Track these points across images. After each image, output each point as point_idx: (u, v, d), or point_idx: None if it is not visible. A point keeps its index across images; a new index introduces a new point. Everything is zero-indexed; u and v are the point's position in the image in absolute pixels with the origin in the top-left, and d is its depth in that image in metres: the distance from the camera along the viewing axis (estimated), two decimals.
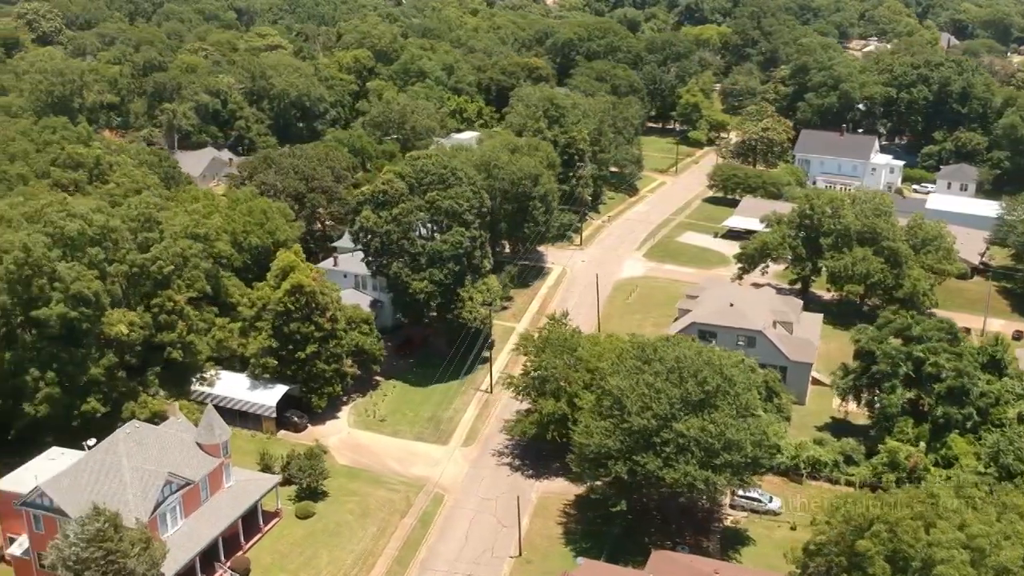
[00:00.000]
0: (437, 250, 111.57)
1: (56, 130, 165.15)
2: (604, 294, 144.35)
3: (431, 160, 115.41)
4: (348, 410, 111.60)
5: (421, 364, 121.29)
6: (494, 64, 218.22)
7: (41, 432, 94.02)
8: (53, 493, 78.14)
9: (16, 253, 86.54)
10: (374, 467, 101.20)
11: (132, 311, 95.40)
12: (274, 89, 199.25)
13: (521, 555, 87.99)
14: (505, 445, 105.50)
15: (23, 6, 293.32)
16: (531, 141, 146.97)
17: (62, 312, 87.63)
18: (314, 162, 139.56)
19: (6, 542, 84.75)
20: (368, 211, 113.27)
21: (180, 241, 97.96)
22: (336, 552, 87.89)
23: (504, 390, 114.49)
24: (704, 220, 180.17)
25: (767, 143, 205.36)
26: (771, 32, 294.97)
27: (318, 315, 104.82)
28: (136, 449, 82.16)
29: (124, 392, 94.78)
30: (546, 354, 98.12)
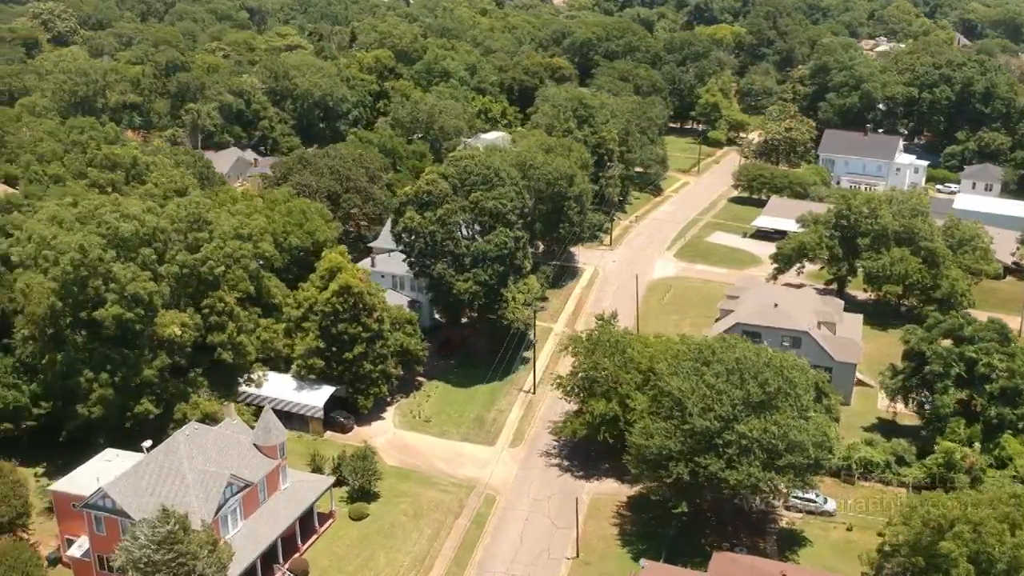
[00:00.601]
0: (482, 250, 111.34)
1: (84, 130, 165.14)
2: (639, 294, 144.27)
3: (474, 160, 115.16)
4: (393, 411, 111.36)
5: (461, 365, 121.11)
6: (515, 64, 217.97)
7: (94, 433, 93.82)
8: (116, 495, 77.86)
9: (72, 254, 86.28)
10: (423, 468, 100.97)
11: (182, 312, 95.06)
12: (297, 89, 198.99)
13: (578, 556, 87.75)
14: (552, 446, 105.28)
15: (38, 6, 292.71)
16: (564, 141, 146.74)
17: (118, 313, 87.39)
18: (349, 163, 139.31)
19: (64, 544, 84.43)
20: (412, 211, 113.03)
21: (230, 242, 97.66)
22: (393, 554, 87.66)
23: (547, 390, 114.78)
24: (731, 220, 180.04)
25: (790, 143, 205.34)
26: (787, 32, 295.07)
27: (365, 316, 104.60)
28: (196, 451, 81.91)
29: (175, 393, 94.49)
30: (596, 355, 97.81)
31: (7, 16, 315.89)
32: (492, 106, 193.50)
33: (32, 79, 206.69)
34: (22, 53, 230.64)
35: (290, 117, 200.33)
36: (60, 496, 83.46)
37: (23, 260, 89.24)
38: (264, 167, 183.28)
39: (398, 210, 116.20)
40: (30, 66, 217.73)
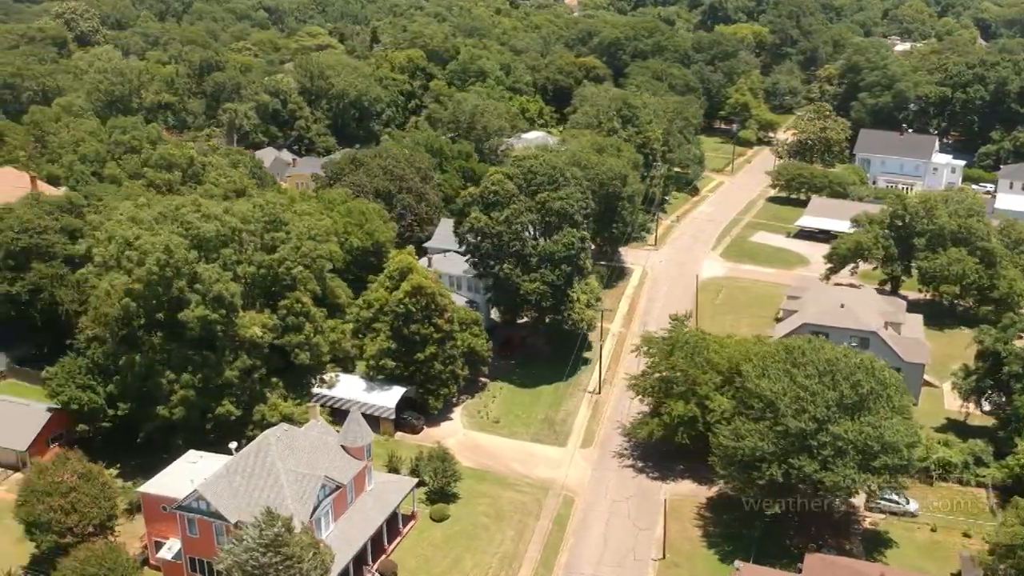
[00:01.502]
0: (549, 251, 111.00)
1: (127, 130, 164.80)
2: (690, 295, 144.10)
3: (538, 161, 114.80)
4: (460, 412, 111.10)
5: (522, 365, 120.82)
6: (549, 64, 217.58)
7: (171, 435, 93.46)
8: (211, 497, 77.54)
9: (158, 254, 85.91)
10: (497, 469, 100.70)
11: (259, 313, 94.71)
12: (333, 89, 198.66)
13: (665, 558, 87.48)
14: (624, 446, 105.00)
15: (61, 5, 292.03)
16: (613, 141, 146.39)
17: (203, 314, 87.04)
18: (402, 163, 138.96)
19: (152, 546, 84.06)
20: (477, 212, 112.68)
21: (306, 242, 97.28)
22: (479, 555, 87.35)
23: (612, 391, 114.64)
24: (772, 220, 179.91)
25: (825, 143, 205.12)
26: (811, 31, 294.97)
27: (437, 316, 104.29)
28: (288, 452, 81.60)
29: (253, 395, 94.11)
30: (675, 356, 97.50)
31: (27, 16, 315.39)
32: (529, 106, 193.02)
33: (65, 79, 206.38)
34: (54, 53, 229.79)
35: (325, 117, 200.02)
36: (149, 498, 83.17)
37: (106, 261, 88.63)
38: (304, 167, 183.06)
39: (462, 211, 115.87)
40: (62, 65, 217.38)
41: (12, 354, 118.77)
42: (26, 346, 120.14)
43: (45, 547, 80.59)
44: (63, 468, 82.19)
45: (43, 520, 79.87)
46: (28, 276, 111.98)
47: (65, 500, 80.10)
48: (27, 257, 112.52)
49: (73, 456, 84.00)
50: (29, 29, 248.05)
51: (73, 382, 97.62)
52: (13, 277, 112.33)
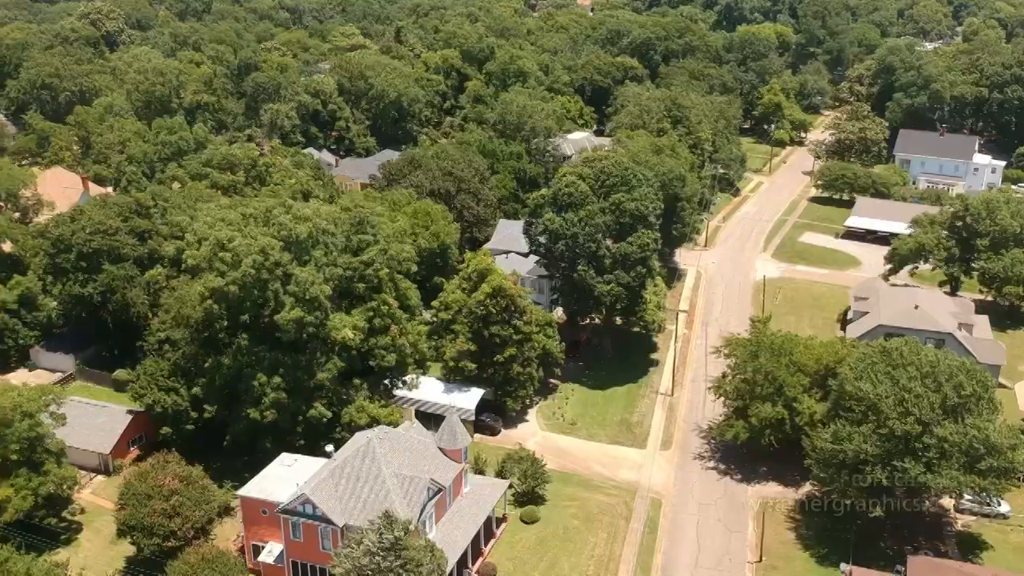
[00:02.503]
0: (624, 252, 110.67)
1: (173, 131, 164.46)
2: (747, 295, 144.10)
3: (610, 161, 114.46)
4: (534, 413, 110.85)
5: (590, 366, 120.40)
6: (585, 64, 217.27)
7: (259, 437, 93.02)
8: (318, 500, 77.33)
9: (255, 256, 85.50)
10: (580, 471, 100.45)
11: (347, 315, 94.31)
12: (372, 90, 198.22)
13: (761, 560, 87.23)
14: (704, 449, 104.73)
15: (87, 5, 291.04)
16: (669, 142, 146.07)
17: (299, 316, 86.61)
18: (461, 164, 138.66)
19: (250, 549, 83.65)
20: (551, 213, 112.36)
21: (392, 244, 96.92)
22: (575, 558, 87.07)
23: (685, 392, 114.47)
24: (818, 220, 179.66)
25: (864, 143, 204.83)
26: (837, 31, 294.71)
27: (516, 318, 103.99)
28: (391, 455, 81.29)
29: (341, 397, 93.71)
30: (761, 358, 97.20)
31: (50, 15, 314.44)
32: (569, 106, 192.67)
33: (102, 79, 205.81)
34: (91, 53, 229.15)
35: (364, 117, 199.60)
36: (248, 501, 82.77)
37: (199, 263, 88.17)
38: (346, 169, 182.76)
39: (534, 211, 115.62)
40: (97, 65, 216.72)
41: (81, 356, 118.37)
42: (93, 348, 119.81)
43: (148, 551, 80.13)
44: (163, 471, 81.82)
45: (146, 524, 79.46)
46: (100, 278, 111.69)
47: (168, 504, 79.75)
48: (99, 259, 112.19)
49: (172, 459, 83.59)
50: (63, 29, 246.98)
51: (156, 384, 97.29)
52: (85, 279, 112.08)
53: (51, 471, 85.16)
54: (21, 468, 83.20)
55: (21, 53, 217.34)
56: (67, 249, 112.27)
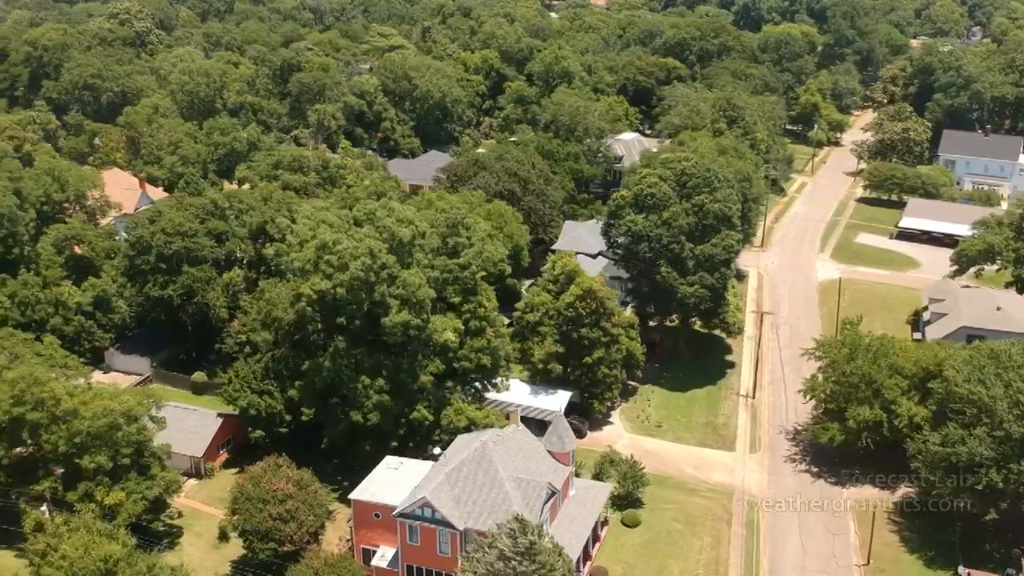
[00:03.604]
0: (708, 254, 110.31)
1: (226, 131, 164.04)
2: (812, 297, 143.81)
3: (691, 162, 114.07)
4: (618, 416, 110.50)
5: (668, 368, 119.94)
6: (627, 64, 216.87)
7: (357, 440, 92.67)
8: (438, 504, 76.95)
9: (364, 258, 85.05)
10: (673, 474, 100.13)
11: (445, 317, 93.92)
12: (417, 90, 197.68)
13: (869, 563, 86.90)
14: (794, 451, 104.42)
15: (115, 5, 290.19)
16: (732, 143, 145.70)
17: (406, 319, 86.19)
18: (527, 165, 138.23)
19: (359, 553, 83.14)
20: (633, 214, 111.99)
21: (488, 246, 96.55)
22: (683, 562, 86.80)
23: (766, 394, 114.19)
24: (869, 221, 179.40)
25: (907, 143, 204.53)
26: (867, 32, 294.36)
27: (604, 320, 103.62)
28: (505, 458, 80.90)
29: (440, 400, 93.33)
30: (859, 360, 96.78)
31: (73, 15, 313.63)
32: (617, 107, 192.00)
33: (143, 79, 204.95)
34: (131, 54, 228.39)
35: (409, 119, 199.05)
36: (361, 505, 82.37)
37: (304, 266, 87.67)
38: (394, 170, 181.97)
39: (614, 213, 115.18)
40: (137, 65, 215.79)
41: (156, 359, 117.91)
42: (168, 350, 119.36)
43: (263, 556, 79.68)
44: (276, 476, 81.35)
45: (262, 529, 79.00)
46: (180, 280, 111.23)
47: (283, 508, 79.27)
48: (178, 261, 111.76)
49: (284, 463, 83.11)
50: (100, 30, 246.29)
51: (249, 387, 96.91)
52: (165, 281, 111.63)
53: (157, 475, 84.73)
54: (130, 472, 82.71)
55: (62, 54, 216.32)
56: (146, 251, 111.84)
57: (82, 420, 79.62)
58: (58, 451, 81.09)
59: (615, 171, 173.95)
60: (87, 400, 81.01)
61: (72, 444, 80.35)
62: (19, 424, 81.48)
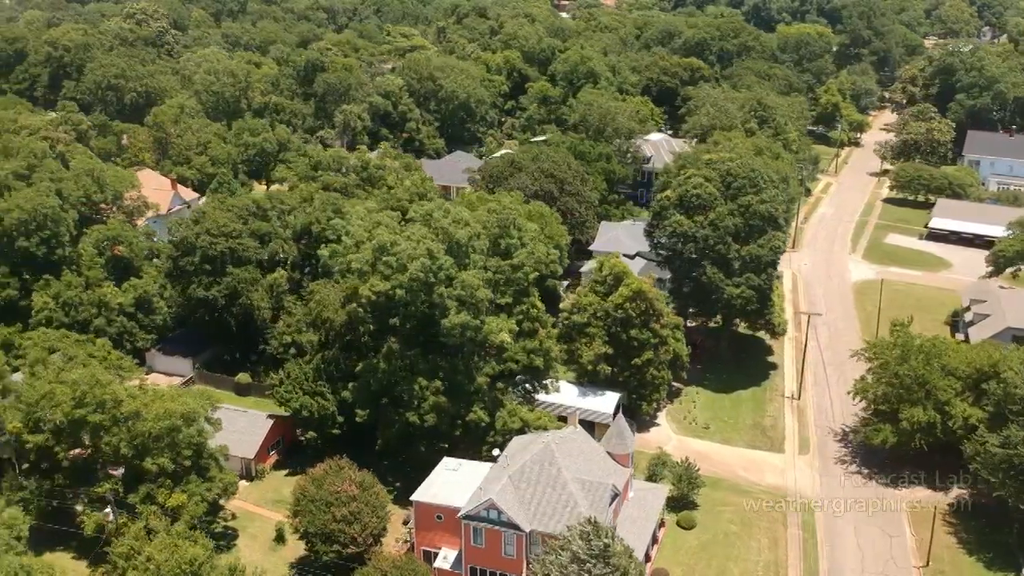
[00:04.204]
0: (755, 255, 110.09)
1: (256, 132, 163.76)
2: (848, 297, 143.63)
3: (736, 163, 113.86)
4: (664, 417, 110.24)
5: (711, 370, 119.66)
6: (651, 64, 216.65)
7: (411, 442, 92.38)
8: (504, 506, 76.72)
9: (423, 259, 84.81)
10: (725, 475, 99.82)
11: (498, 318, 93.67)
12: (442, 91, 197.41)
13: (928, 565, 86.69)
14: (843, 453, 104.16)
15: (131, 6, 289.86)
16: (768, 144, 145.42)
17: (464, 321, 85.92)
18: (563, 166, 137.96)
19: (420, 555, 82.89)
20: (678, 215, 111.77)
21: (539, 247, 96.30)
22: (742, 564, 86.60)
23: (811, 395, 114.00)
24: (897, 221, 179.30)
25: (931, 143, 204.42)
26: (884, 32, 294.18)
27: (654, 321, 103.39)
28: (568, 459, 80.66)
29: (495, 401, 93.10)
30: (912, 361, 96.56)
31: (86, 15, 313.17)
32: (642, 107, 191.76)
33: (166, 79, 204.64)
34: (154, 54, 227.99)
35: (433, 119, 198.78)
36: (423, 507, 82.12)
37: (362, 267, 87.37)
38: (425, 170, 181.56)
39: (658, 213, 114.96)
40: (160, 66, 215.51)
41: (198, 359, 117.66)
42: (209, 351, 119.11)
43: (327, 558, 79.41)
44: (338, 477, 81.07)
45: (326, 531, 78.73)
46: (224, 281, 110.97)
47: (347, 510, 79.01)
48: (223, 262, 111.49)
49: (346, 465, 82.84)
50: (122, 30, 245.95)
51: (300, 389, 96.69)
52: (210, 282, 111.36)
53: (216, 476, 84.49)
54: (190, 474, 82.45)
55: (84, 54, 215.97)
56: (191, 251, 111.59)
57: (144, 422, 79.30)
58: (119, 453, 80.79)
59: (644, 171, 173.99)
60: (148, 402, 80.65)
61: (134, 446, 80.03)
62: (79, 426, 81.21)
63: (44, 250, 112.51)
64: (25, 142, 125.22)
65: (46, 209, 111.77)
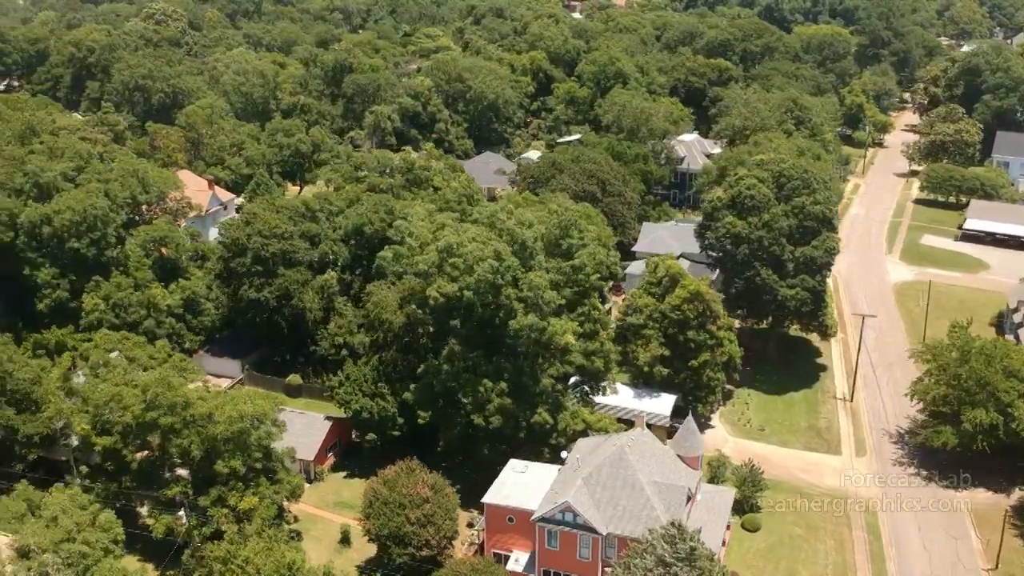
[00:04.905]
0: (810, 256, 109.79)
1: (291, 133, 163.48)
2: (889, 299, 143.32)
3: (788, 164, 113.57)
4: (718, 419, 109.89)
5: (760, 371, 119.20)
6: (678, 65, 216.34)
7: (474, 443, 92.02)
8: (581, 508, 76.40)
9: (491, 261, 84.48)
10: (784, 478, 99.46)
11: (559, 318, 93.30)
12: (470, 91, 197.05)
13: (997, 567, 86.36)
14: (901, 455, 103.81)
15: (151, 6, 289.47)
16: (809, 145, 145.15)
17: (533, 322, 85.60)
18: (605, 167, 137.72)
19: (491, 557, 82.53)
20: (731, 217, 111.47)
21: (598, 249, 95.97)
22: (811, 567, 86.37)
23: (862, 397, 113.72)
24: (929, 222, 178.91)
25: (959, 144, 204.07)
26: (903, 33, 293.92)
27: (711, 322, 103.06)
28: (642, 462, 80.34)
29: (557, 403, 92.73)
30: (973, 363, 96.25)
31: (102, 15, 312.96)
32: (673, 108, 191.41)
33: (192, 80, 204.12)
34: (180, 55, 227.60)
35: (462, 120, 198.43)
36: (495, 509, 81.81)
37: (428, 268, 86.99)
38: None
39: (711, 215, 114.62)
40: (186, 66, 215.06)
41: (247, 361, 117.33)
42: (258, 353, 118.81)
43: (400, 561, 79.06)
44: (410, 480, 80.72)
45: (400, 533, 78.40)
46: (276, 282, 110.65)
47: (421, 512, 78.68)
48: (274, 263, 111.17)
49: (417, 467, 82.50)
50: (146, 31, 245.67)
51: (360, 390, 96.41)
52: (261, 283, 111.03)
53: (284, 478, 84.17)
54: (260, 477, 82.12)
55: (110, 55, 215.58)
56: (242, 253, 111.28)
57: (216, 424, 78.92)
58: (189, 455, 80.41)
59: (677, 172, 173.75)
60: (220, 404, 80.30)
61: (204, 448, 79.67)
62: (148, 428, 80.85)
63: (94, 251, 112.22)
64: (71, 143, 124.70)
65: (96, 210, 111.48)
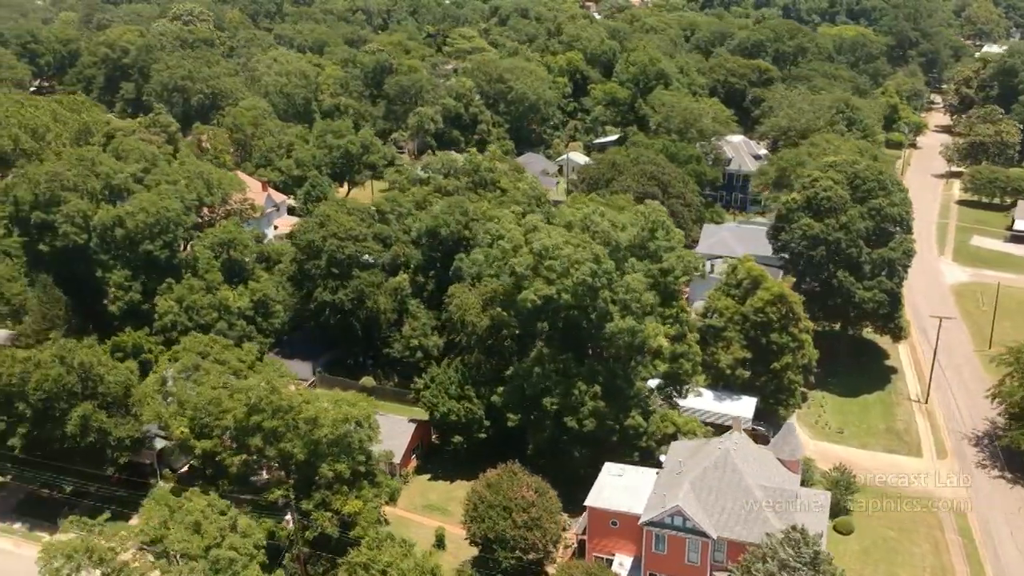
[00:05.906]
0: (888, 258, 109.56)
1: (340, 134, 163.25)
2: (948, 300, 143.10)
3: (862, 165, 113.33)
4: (795, 421, 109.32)
5: (831, 373, 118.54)
6: (717, 66, 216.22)
7: (566, 445, 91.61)
8: (691, 512, 76.07)
9: (590, 264, 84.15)
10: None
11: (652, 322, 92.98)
12: (512, 92, 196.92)
13: None
14: (982, 457, 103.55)
15: (179, 7, 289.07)
16: (865, 146, 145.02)
17: (631, 326, 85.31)
18: (665, 167, 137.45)
19: (592, 561, 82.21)
20: (807, 218, 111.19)
21: (687, 252, 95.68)
22: (909, 570, 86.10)
23: (936, 399, 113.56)
24: (975, 223, 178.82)
25: (1000, 145, 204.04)
26: (931, 34, 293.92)
27: (792, 325, 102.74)
28: (747, 466, 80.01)
29: (646, 405, 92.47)
30: None
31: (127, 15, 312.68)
32: (717, 108, 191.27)
33: (230, 81, 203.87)
34: (218, 55, 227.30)
35: (504, 121, 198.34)
36: (598, 512, 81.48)
37: (524, 271, 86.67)
38: None
39: (786, 216, 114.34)
40: (224, 67, 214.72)
41: (319, 363, 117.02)
42: (328, 354, 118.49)
43: (506, 564, 78.74)
44: (513, 483, 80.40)
45: (506, 537, 78.08)
46: (351, 284, 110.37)
47: (527, 516, 78.36)
48: (348, 265, 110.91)
49: (519, 470, 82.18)
50: (182, 31, 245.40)
51: (446, 393, 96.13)
52: (336, 285, 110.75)
53: (383, 482, 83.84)
54: (361, 480, 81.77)
55: (147, 55, 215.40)
56: (317, 255, 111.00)
57: (321, 427, 78.55)
58: (292, 459, 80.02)
59: (726, 174, 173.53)
60: (325, 407, 79.95)
61: (309, 452, 79.31)
62: (250, 432, 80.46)
63: (167, 253, 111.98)
64: (135, 144, 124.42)
65: (169, 212, 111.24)
